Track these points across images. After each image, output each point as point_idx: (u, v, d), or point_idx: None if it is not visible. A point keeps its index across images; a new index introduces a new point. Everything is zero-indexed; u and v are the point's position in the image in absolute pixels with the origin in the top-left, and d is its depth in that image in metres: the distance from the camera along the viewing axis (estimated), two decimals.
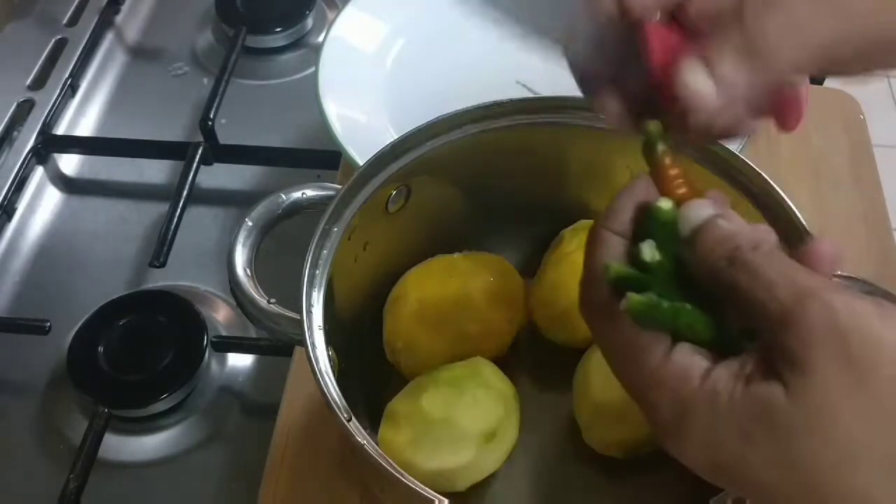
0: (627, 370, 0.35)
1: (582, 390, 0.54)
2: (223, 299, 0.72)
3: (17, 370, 0.70)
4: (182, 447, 0.65)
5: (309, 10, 0.92)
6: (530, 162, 0.57)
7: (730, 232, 0.33)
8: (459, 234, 0.59)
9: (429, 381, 0.53)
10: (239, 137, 0.81)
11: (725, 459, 0.32)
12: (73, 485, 0.60)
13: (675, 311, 0.33)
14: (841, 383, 0.29)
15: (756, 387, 0.31)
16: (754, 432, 0.30)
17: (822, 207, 0.70)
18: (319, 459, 0.58)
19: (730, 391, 0.31)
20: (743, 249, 0.32)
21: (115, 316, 0.69)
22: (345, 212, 0.51)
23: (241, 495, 0.62)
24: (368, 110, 0.73)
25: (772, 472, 0.31)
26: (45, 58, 0.88)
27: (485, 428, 0.51)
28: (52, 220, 0.79)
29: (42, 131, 0.82)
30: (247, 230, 0.52)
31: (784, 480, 0.31)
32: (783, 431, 0.30)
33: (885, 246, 0.70)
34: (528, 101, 0.54)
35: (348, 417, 0.42)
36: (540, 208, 0.59)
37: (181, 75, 0.90)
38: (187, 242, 0.74)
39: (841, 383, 0.29)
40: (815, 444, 0.30)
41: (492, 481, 0.54)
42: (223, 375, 0.69)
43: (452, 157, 0.54)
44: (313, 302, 0.47)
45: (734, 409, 0.31)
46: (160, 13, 0.96)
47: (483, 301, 0.56)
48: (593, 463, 0.55)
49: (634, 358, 0.33)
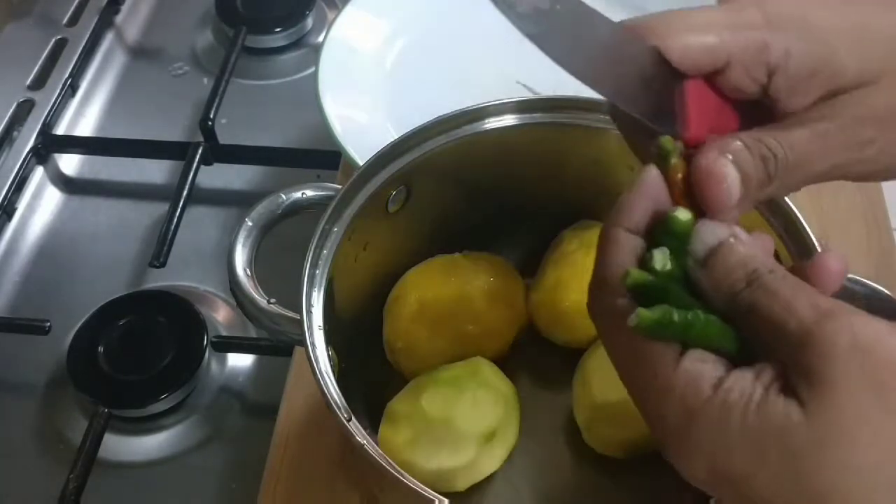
0: (633, 375, 0.34)
1: (582, 390, 0.54)
2: (223, 299, 0.72)
3: (17, 370, 0.70)
4: (182, 447, 0.65)
5: (309, 10, 0.92)
6: (530, 162, 0.57)
7: (748, 255, 0.33)
8: (459, 234, 0.59)
9: (429, 381, 0.53)
10: (239, 137, 0.81)
11: (732, 474, 0.31)
12: (73, 485, 0.60)
13: (687, 325, 0.32)
14: (861, 400, 0.29)
15: (771, 404, 0.30)
16: (767, 450, 0.30)
17: (822, 207, 0.70)
18: (319, 459, 0.58)
19: (743, 405, 0.30)
20: (760, 272, 0.32)
21: (115, 316, 0.69)
22: (345, 212, 0.51)
23: (241, 495, 0.63)
24: (368, 110, 0.73)
25: (781, 489, 0.30)
26: (45, 58, 0.88)
27: (484, 428, 0.51)
28: (52, 220, 0.79)
29: (42, 131, 0.82)
30: (247, 230, 0.52)
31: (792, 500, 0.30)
32: (797, 451, 0.30)
33: (885, 246, 0.70)
34: (528, 101, 0.54)
35: (348, 417, 0.42)
36: (540, 208, 0.59)
37: (181, 75, 0.90)
38: (187, 242, 0.74)
39: (861, 400, 0.29)
40: (831, 465, 0.29)
41: (492, 481, 0.54)
42: (223, 375, 0.69)
43: (452, 157, 0.54)
44: (313, 302, 0.47)
45: (747, 424, 0.30)
46: (160, 13, 0.96)
47: (483, 301, 0.56)
48: (593, 463, 0.55)
49: (642, 364, 0.33)
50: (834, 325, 0.29)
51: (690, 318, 0.32)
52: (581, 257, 0.56)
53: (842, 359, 0.29)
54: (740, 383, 0.31)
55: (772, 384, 0.31)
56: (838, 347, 0.29)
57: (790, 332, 0.30)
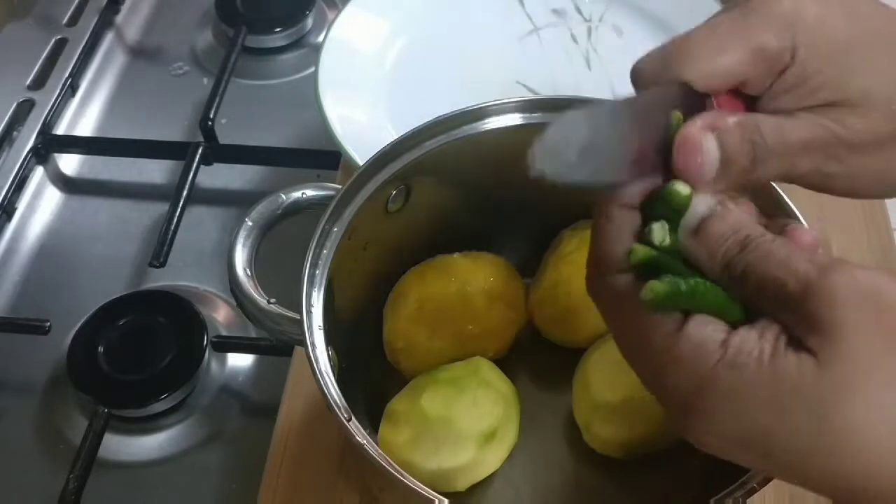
0: (640, 351, 0.34)
1: (582, 390, 0.54)
2: (223, 299, 0.72)
3: (17, 370, 0.70)
4: (182, 447, 0.65)
5: (309, 10, 0.92)
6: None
7: (738, 221, 0.33)
8: (459, 234, 0.59)
9: (429, 381, 0.53)
10: (239, 137, 0.81)
11: (752, 434, 0.31)
12: (73, 485, 0.60)
13: (693, 292, 0.32)
14: (873, 343, 0.29)
15: (782, 358, 0.30)
16: (786, 404, 0.30)
17: (822, 207, 0.70)
18: (319, 459, 0.58)
19: (754, 363, 0.31)
20: (752, 237, 0.33)
21: (115, 316, 0.69)
22: (345, 212, 0.51)
23: (241, 495, 0.63)
24: (368, 110, 0.73)
25: (805, 440, 0.30)
26: (45, 58, 0.88)
27: (484, 428, 0.51)
28: (52, 220, 0.79)
29: (42, 131, 0.82)
30: (247, 230, 0.52)
31: (818, 449, 0.30)
32: (817, 400, 0.30)
33: (885, 246, 0.70)
34: (528, 101, 0.54)
35: (348, 417, 0.42)
36: (540, 208, 0.59)
37: (181, 75, 0.90)
38: (187, 242, 0.74)
39: (873, 343, 0.29)
40: (851, 408, 0.30)
41: (492, 481, 0.54)
42: (223, 375, 0.69)
43: (452, 157, 0.54)
44: (313, 302, 0.47)
45: (762, 382, 0.30)
46: (160, 13, 0.96)
47: (483, 301, 0.56)
48: (593, 463, 0.55)
49: (647, 337, 0.33)
50: (835, 275, 0.30)
51: (695, 285, 0.32)
52: (580, 257, 0.55)
53: (849, 305, 0.30)
54: (747, 342, 0.31)
55: (778, 339, 0.31)
56: (842, 295, 0.30)
57: (790, 291, 0.31)
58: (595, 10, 0.81)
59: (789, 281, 0.31)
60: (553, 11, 0.81)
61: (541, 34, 0.80)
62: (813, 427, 0.30)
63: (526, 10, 0.81)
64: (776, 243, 0.32)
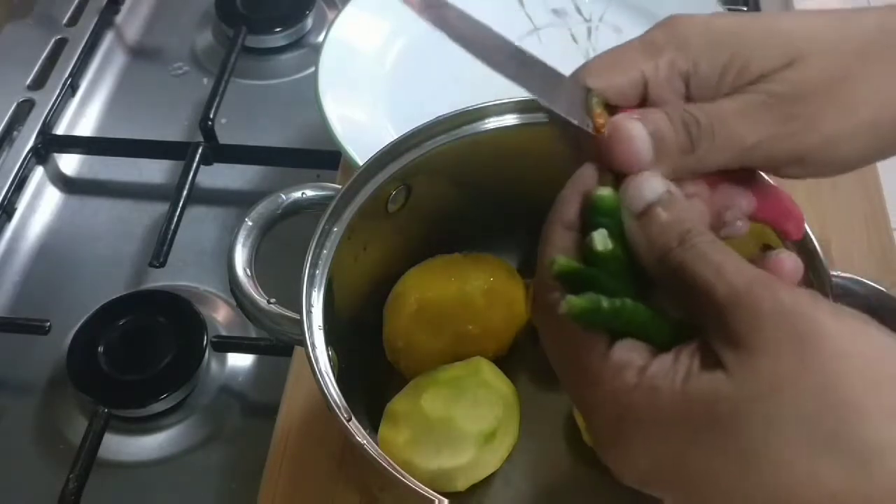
0: (567, 371, 0.33)
1: None
2: (223, 299, 0.72)
3: (17, 370, 0.70)
4: (182, 447, 0.65)
5: (309, 10, 0.92)
6: (530, 162, 0.57)
7: (682, 213, 0.33)
8: (459, 234, 0.59)
9: (429, 381, 0.53)
10: (239, 137, 0.81)
11: (665, 459, 0.30)
12: (73, 485, 0.60)
13: (616, 311, 0.31)
14: (787, 361, 0.28)
15: (696, 379, 0.30)
16: (698, 424, 0.29)
17: (822, 207, 0.70)
18: (319, 459, 0.58)
19: (667, 387, 0.30)
20: (693, 233, 0.32)
21: (114, 316, 0.69)
22: (345, 212, 0.50)
23: (241, 495, 0.63)
24: (368, 110, 0.73)
25: (714, 463, 0.29)
26: (45, 58, 0.88)
27: (484, 428, 0.51)
28: (52, 220, 0.79)
29: (42, 131, 0.82)
30: (247, 230, 0.52)
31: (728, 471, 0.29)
32: (727, 418, 0.29)
33: (885, 246, 0.70)
34: (528, 101, 0.54)
35: (348, 417, 0.42)
36: (540, 208, 0.59)
37: (181, 75, 0.90)
38: (187, 242, 0.74)
39: (787, 361, 0.28)
40: (758, 422, 0.28)
41: (492, 481, 0.54)
42: (223, 375, 0.69)
43: (452, 157, 0.54)
44: (313, 302, 0.47)
45: (674, 405, 0.29)
46: (160, 13, 0.96)
47: (483, 301, 0.56)
48: (593, 463, 0.55)
49: (573, 357, 0.32)
50: (759, 290, 0.29)
51: (619, 305, 0.31)
52: None
53: (768, 322, 0.29)
54: (663, 367, 0.30)
55: (693, 361, 0.30)
56: (764, 311, 0.29)
57: (717, 297, 0.30)
58: (595, 10, 0.81)
59: (718, 287, 0.30)
60: (553, 11, 0.81)
61: (541, 34, 0.80)
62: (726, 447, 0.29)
63: (526, 10, 0.81)
64: (713, 245, 0.31)
